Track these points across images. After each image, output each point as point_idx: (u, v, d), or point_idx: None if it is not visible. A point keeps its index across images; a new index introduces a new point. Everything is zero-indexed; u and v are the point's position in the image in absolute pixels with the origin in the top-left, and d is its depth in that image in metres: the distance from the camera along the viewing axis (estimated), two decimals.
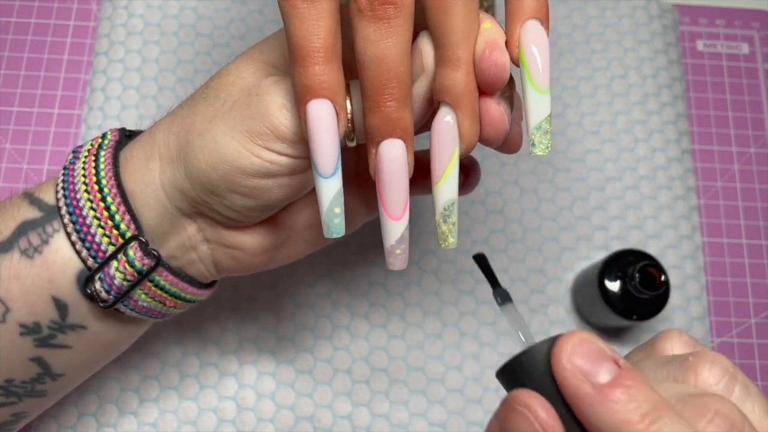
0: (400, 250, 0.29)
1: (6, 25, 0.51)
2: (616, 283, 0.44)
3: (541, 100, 0.28)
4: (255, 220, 0.33)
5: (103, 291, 0.33)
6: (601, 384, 0.21)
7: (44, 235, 0.33)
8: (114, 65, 0.49)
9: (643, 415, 0.21)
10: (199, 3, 0.52)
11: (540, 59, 0.27)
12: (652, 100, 0.52)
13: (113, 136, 0.35)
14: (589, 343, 0.22)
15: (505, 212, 0.49)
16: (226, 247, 0.34)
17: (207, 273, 0.35)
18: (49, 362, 0.34)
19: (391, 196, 0.28)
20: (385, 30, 0.26)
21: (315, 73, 0.27)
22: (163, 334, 0.45)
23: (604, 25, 0.54)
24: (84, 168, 0.33)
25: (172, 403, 0.44)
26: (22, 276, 0.33)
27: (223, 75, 0.32)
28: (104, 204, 0.32)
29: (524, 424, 0.22)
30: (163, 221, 0.33)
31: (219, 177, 0.30)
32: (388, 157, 0.27)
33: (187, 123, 0.32)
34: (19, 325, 0.33)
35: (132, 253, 0.32)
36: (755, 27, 0.56)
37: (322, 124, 0.27)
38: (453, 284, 0.47)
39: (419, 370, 0.45)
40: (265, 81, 0.30)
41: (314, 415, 0.44)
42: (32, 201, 0.34)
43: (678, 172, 0.50)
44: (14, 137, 0.49)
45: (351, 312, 0.46)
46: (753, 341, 0.49)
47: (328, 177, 0.28)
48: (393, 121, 0.27)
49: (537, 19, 0.28)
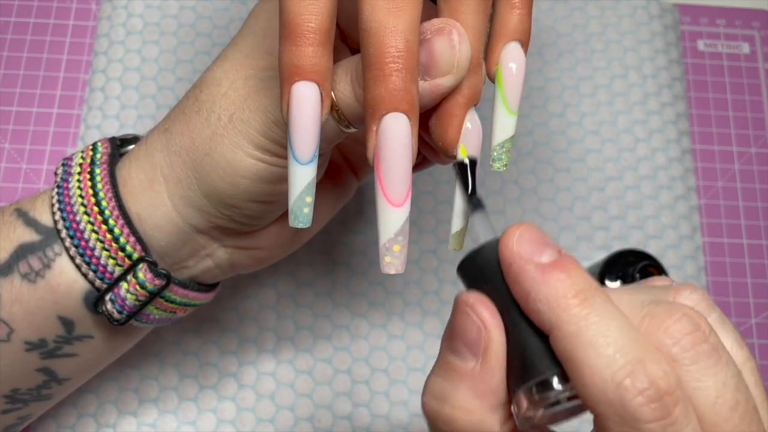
0: (399, 245, 0.25)
1: (5, 25, 0.51)
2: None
3: (508, 120, 0.28)
4: (271, 220, 0.33)
5: (116, 312, 0.32)
6: (543, 264, 0.22)
7: (45, 259, 0.32)
8: (113, 65, 0.49)
9: (578, 292, 0.21)
10: (199, 3, 0.52)
11: (515, 82, 0.28)
12: (653, 99, 0.52)
13: (105, 149, 0.34)
14: (534, 231, 0.23)
15: (505, 212, 0.49)
16: (246, 249, 0.34)
17: (221, 274, 0.35)
18: (56, 370, 0.34)
19: (392, 178, 0.25)
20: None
21: (307, 54, 0.25)
22: (162, 334, 0.45)
23: (604, 24, 0.54)
24: (80, 188, 0.32)
25: (172, 404, 0.44)
26: (24, 299, 0.32)
27: (213, 85, 0.31)
28: (107, 227, 0.32)
29: (468, 323, 0.23)
30: (175, 240, 0.33)
31: (240, 191, 0.30)
32: (393, 132, 0.25)
33: (186, 142, 0.31)
34: (25, 342, 0.33)
35: (142, 275, 0.32)
36: (756, 27, 0.56)
37: (305, 107, 0.25)
38: (453, 284, 0.47)
39: (419, 371, 0.45)
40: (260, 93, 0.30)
41: (314, 415, 0.44)
42: (27, 222, 0.33)
43: (678, 172, 0.50)
44: (14, 137, 0.49)
45: (351, 312, 0.46)
46: (753, 341, 0.49)
47: (304, 164, 0.26)
48: (399, 91, 0.25)
49: (519, 41, 0.28)
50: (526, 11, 0.28)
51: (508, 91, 0.28)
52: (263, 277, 0.46)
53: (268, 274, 0.46)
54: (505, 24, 0.28)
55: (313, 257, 0.47)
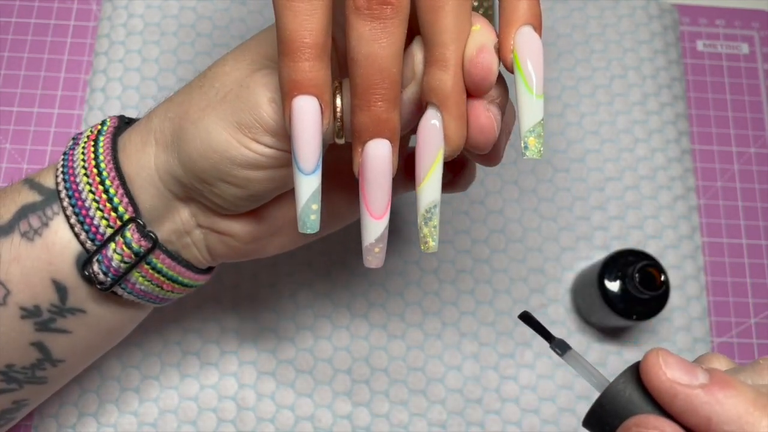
0: (378, 248, 0.29)
1: (6, 25, 0.51)
2: (616, 283, 0.44)
3: (535, 104, 0.28)
4: (244, 209, 0.33)
5: (101, 273, 0.33)
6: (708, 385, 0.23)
7: (44, 218, 0.33)
8: (114, 65, 0.49)
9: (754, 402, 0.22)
10: (199, 3, 0.52)
11: (534, 64, 0.28)
12: (652, 100, 0.52)
13: (112, 122, 0.35)
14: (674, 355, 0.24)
15: (505, 212, 0.49)
16: (218, 234, 0.34)
17: (202, 258, 0.36)
18: (50, 347, 0.35)
19: (374, 195, 0.28)
20: (381, 30, 0.26)
21: (303, 69, 0.26)
22: (164, 334, 0.45)
23: (603, 25, 0.54)
24: (83, 153, 0.34)
25: (172, 403, 0.44)
26: (22, 258, 0.33)
27: (220, 65, 0.32)
28: (103, 187, 0.33)
29: None
30: (159, 205, 0.33)
31: (209, 165, 0.31)
32: (375, 157, 0.27)
33: (182, 110, 0.32)
34: (20, 308, 0.33)
35: (129, 235, 0.33)
36: (755, 27, 0.56)
37: (306, 120, 0.27)
38: (453, 284, 0.47)
39: (419, 370, 0.45)
40: (257, 74, 0.31)
41: (314, 415, 0.44)
42: (32, 185, 0.34)
43: (678, 172, 0.51)
44: (14, 137, 0.49)
45: (351, 312, 0.46)
46: (753, 341, 0.49)
47: (308, 174, 0.28)
48: (382, 121, 0.27)
49: (531, 24, 0.28)
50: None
51: (529, 74, 0.27)
52: (263, 277, 0.46)
53: (268, 274, 0.46)
54: (514, 10, 0.28)
55: (313, 258, 0.47)
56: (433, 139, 0.28)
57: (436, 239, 0.29)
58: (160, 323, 0.45)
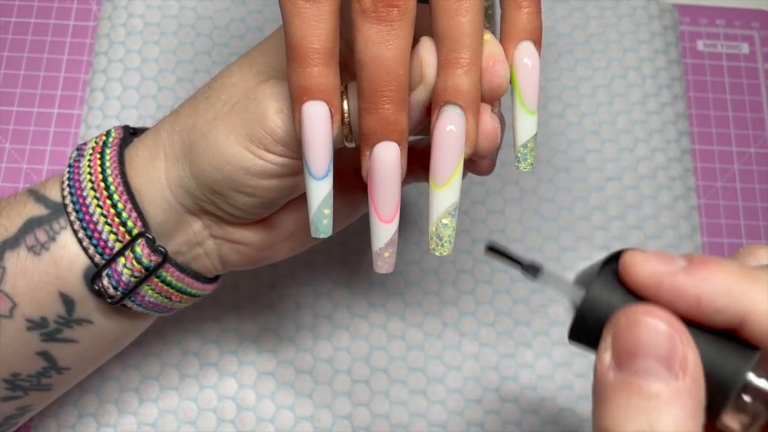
0: (389, 253, 0.28)
1: (6, 25, 0.51)
2: None
3: (529, 120, 0.29)
4: (258, 217, 0.33)
5: (111, 287, 0.33)
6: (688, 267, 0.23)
7: (51, 232, 0.33)
8: (114, 65, 0.49)
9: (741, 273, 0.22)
10: (199, 3, 0.52)
11: (531, 81, 0.28)
12: (652, 100, 0.52)
13: (117, 134, 0.35)
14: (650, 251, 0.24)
15: (505, 212, 0.49)
16: (232, 243, 0.34)
17: (213, 268, 0.36)
18: (55, 356, 0.35)
19: (383, 200, 0.28)
20: (387, 32, 0.26)
21: (312, 75, 0.27)
22: (163, 334, 0.45)
23: (604, 25, 0.54)
24: (90, 166, 0.34)
25: (172, 403, 0.44)
26: (29, 272, 0.33)
27: (226, 76, 0.32)
28: (111, 201, 0.33)
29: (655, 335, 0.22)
30: (170, 218, 0.33)
31: (223, 177, 0.31)
32: (383, 160, 0.27)
33: (189, 123, 0.32)
34: (26, 320, 0.33)
35: (139, 250, 0.33)
36: (755, 27, 0.56)
37: (316, 125, 0.27)
38: (453, 284, 0.47)
39: (419, 370, 0.45)
40: (264, 85, 0.31)
41: (314, 415, 0.44)
42: (38, 198, 0.34)
43: (678, 172, 0.50)
44: (14, 137, 0.49)
45: (351, 312, 0.46)
46: None
47: (319, 179, 0.28)
48: (390, 123, 0.27)
49: (530, 40, 0.28)
50: (534, 8, 0.28)
51: (525, 92, 0.28)
52: (264, 277, 0.46)
53: (268, 274, 0.46)
54: (514, 24, 0.28)
55: (313, 258, 0.47)
56: (455, 145, 0.28)
57: (452, 242, 0.29)
58: (159, 323, 0.45)
